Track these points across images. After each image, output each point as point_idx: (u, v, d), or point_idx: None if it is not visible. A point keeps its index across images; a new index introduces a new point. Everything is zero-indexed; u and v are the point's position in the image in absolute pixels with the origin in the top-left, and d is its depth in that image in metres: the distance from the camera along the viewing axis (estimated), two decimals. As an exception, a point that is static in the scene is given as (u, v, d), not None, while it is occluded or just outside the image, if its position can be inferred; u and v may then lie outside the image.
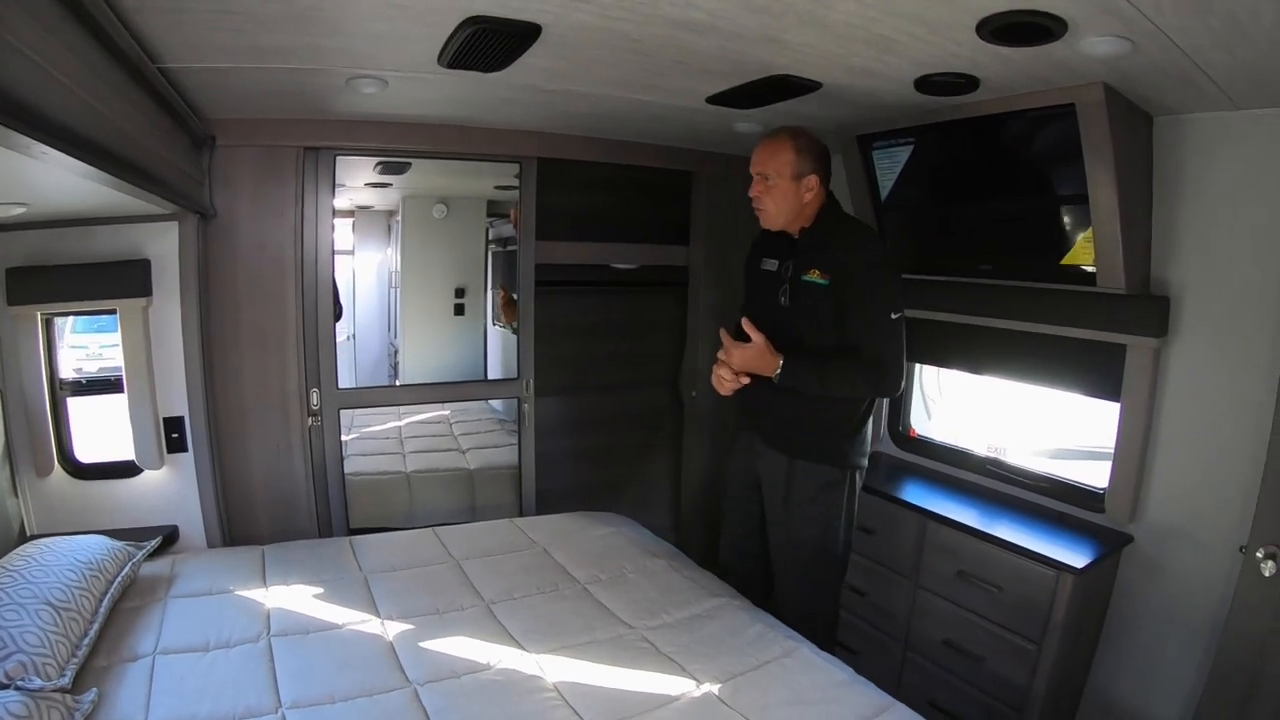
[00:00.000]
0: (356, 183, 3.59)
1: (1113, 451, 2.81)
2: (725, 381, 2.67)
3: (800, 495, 2.72)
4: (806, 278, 2.62)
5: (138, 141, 2.05)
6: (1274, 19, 1.71)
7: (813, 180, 2.61)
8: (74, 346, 3.53)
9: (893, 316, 2.54)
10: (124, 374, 2.94)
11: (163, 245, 2.93)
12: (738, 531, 3.02)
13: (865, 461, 2.78)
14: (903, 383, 2.60)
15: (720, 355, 2.68)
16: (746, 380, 2.64)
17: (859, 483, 2.79)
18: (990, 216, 2.99)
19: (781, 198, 2.62)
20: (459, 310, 3.97)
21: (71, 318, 3.22)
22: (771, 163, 2.61)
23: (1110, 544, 2.76)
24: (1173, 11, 1.74)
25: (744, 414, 2.93)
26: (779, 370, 2.57)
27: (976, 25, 1.95)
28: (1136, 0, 1.69)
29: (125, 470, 3.01)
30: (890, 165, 3.22)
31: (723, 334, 2.67)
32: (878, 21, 1.95)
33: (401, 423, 3.98)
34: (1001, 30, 1.96)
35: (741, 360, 2.62)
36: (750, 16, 1.95)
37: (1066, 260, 2.72)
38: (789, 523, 2.76)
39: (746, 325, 2.61)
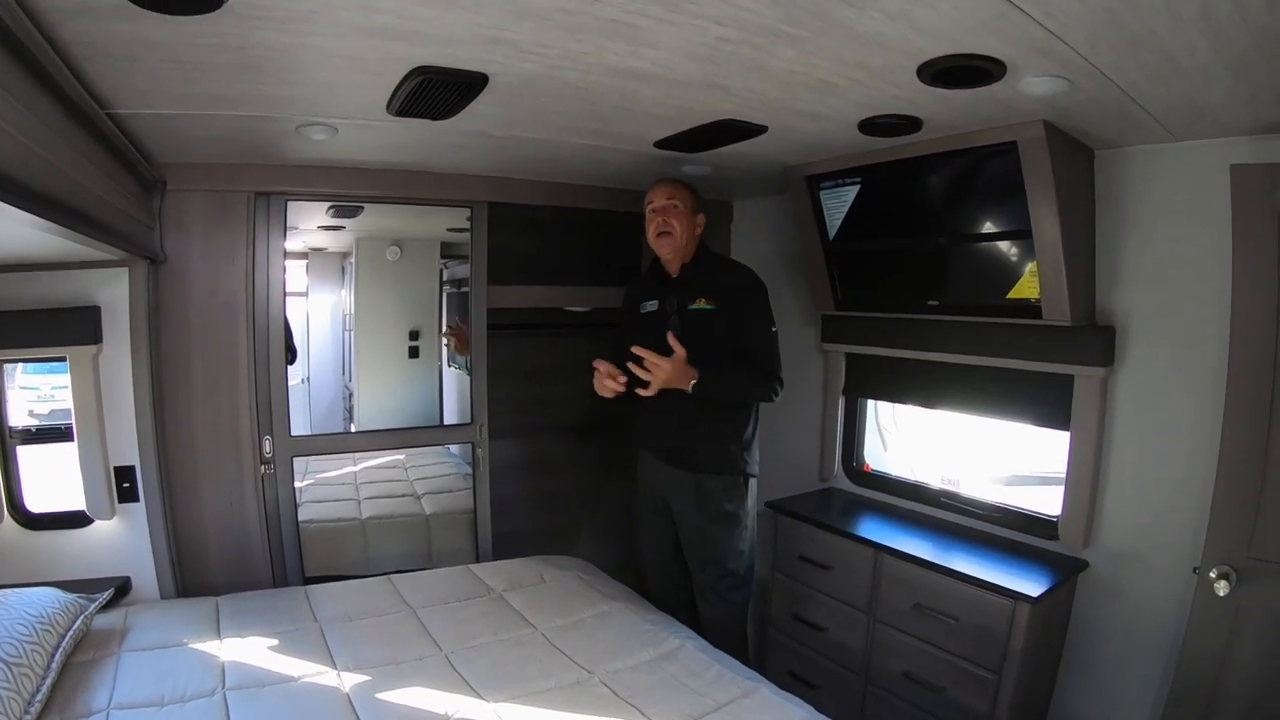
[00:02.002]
0: (310, 225, 3.57)
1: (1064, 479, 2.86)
2: (610, 385, 2.88)
3: (709, 505, 2.97)
4: (694, 306, 2.95)
5: (86, 189, 2.03)
6: (1208, 54, 1.76)
7: (701, 219, 3.05)
8: (24, 388, 3.45)
9: (773, 330, 2.95)
10: (74, 423, 2.88)
11: (113, 291, 2.89)
12: (657, 558, 3.25)
13: (758, 471, 3.06)
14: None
15: (602, 370, 2.88)
16: (624, 380, 2.84)
17: (756, 493, 3.07)
18: (937, 253, 3.03)
19: (685, 226, 2.98)
20: (413, 353, 3.93)
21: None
22: (678, 195, 2.99)
23: (1065, 570, 2.78)
24: (1108, 50, 1.79)
25: (646, 438, 3.12)
26: (695, 381, 2.78)
27: (917, 69, 1.99)
28: (1072, 40, 1.74)
29: (76, 520, 2.94)
30: (838, 205, 3.27)
31: (645, 352, 2.77)
32: (819, 67, 1.99)
33: (356, 467, 3.93)
34: (942, 74, 2.00)
35: (667, 376, 2.75)
36: (693, 65, 1.98)
37: (1012, 294, 2.77)
38: (705, 533, 2.99)
39: (671, 340, 2.77)
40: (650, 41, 1.82)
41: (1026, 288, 2.72)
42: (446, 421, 3.98)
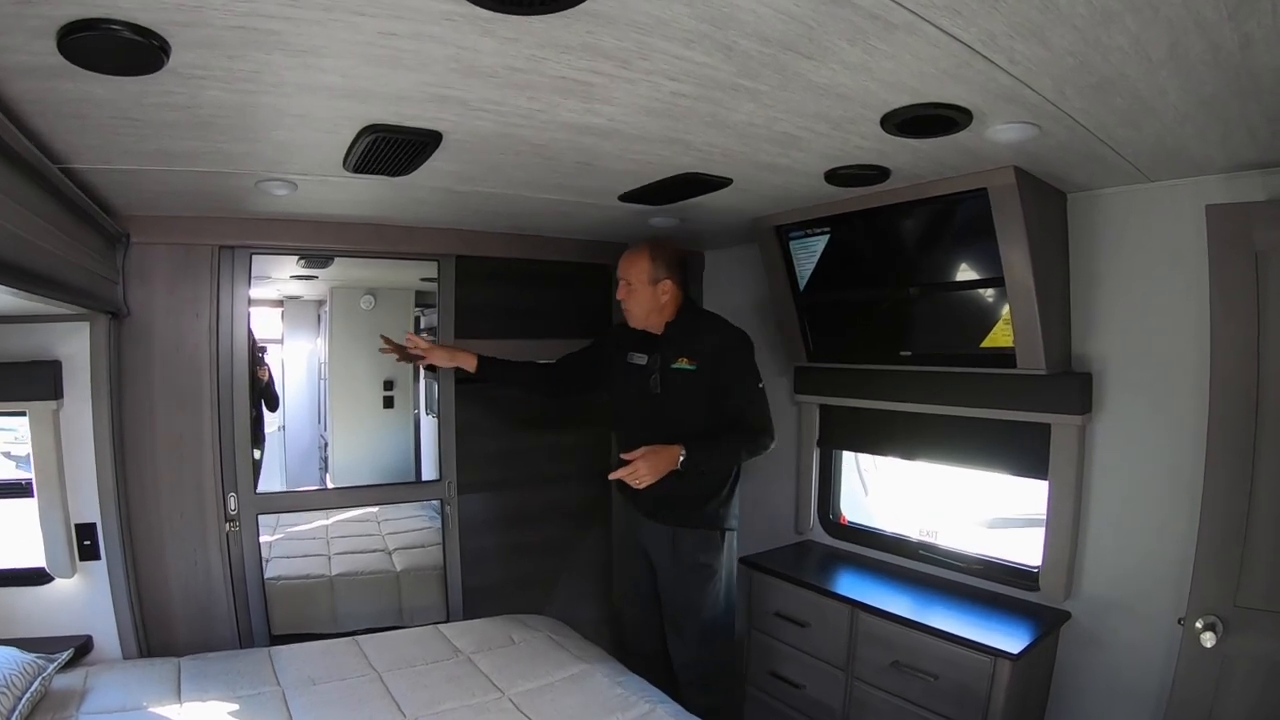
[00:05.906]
0: (282, 274, 3.55)
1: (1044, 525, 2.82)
2: (646, 479, 2.78)
3: (685, 558, 2.96)
4: (676, 365, 2.94)
5: (40, 246, 1.99)
6: (1179, 94, 1.75)
7: (667, 284, 2.97)
8: (1, 429, 3.40)
9: (760, 386, 2.92)
10: (34, 478, 2.81)
11: (74, 345, 2.84)
12: (635, 611, 3.23)
13: (737, 525, 3.05)
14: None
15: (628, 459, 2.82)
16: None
17: (734, 545, 3.06)
18: (909, 303, 3.01)
19: (641, 300, 2.98)
20: (388, 403, 3.90)
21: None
22: (632, 270, 2.98)
23: (1047, 623, 2.73)
24: (1076, 95, 1.78)
25: (624, 492, 3.06)
26: (683, 458, 2.77)
27: (881, 120, 1.97)
28: (1039, 86, 1.73)
29: (36, 577, 2.86)
30: (808, 255, 3.26)
31: (625, 455, 2.82)
32: (780, 120, 1.98)
33: (328, 520, 3.84)
34: (906, 124, 1.99)
35: (652, 469, 2.75)
36: (650, 120, 1.97)
37: (986, 343, 2.74)
38: (680, 584, 2.98)
39: (625, 457, 2.81)
40: (604, 98, 1.81)
41: (1000, 336, 2.69)
42: (424, 472, 3.92)
